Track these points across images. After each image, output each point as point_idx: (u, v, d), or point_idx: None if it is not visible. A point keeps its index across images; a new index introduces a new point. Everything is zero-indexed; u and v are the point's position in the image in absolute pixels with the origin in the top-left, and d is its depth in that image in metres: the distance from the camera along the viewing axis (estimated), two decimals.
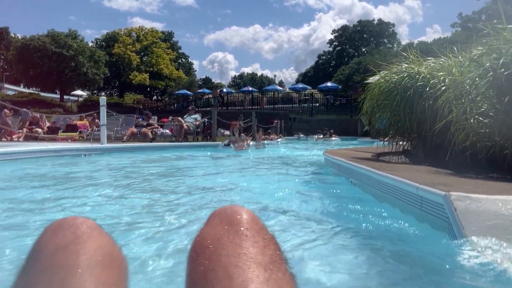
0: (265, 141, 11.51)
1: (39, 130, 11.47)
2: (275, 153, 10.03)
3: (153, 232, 2.06)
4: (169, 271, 1.51)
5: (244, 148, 10.13)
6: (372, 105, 4.73)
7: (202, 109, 25.03)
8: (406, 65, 4.46)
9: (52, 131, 11.68)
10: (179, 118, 11.26)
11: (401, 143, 5.00)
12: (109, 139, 10.52)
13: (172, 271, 1.49)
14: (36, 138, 10.92)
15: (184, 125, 10.99)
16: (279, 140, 16.25)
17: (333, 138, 18.69)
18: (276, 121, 21.84)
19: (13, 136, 10.76)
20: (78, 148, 7.32)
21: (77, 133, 11.38)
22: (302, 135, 22.05)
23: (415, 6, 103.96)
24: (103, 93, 58.59)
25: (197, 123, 11.60)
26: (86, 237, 0.62)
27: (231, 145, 9.99)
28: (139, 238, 1.96)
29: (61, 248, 0.60)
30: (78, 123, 12.11)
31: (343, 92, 33.69)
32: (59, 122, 12.72)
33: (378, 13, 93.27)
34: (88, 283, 0.56)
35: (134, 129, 11.38)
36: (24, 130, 11.31)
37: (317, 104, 29.00)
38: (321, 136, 20.31)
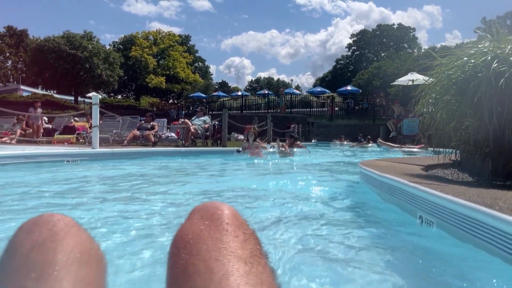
0: (295, 148, 10.00)
1: (30, 130, 10.47)
2: (304, 163, 8.53)
3: None
4: None
5: (260, 155, 8.95)
6: (436, 103, 3.43)
7: (216, 112, 23.92)
8: (488, 43, 3.12)
9: (48, 133, 10.68)
10: (186, 120, 10.10)
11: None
12: (107, 142, 9.44)
13: None
14: (30, 141, 9.91)
15: (191, 128, 9.81)
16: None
17: (369, 145, 16.64)
18: (293, 125, 20.57)
19: (3, 139, 9.75)
20: (61, 153, 6.20)
21: (75, 135, 10.33)
22: (314, 141, 20.62)
23: (434, 11, 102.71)
24: (119, 96, 58.53)
25: (206, 126, 10.41)
26: (63, 233, 0.61)
27: (245, 151, 8.83)
28: None
29: (37, 245, 0.58)
30: (76, 124, 11.08)
31: (364, 96, 32.07)
32: (61, 123, 11.71)
33: (396, 19, 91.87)
34: (66, 280, 0.55)
35: (137, 132, 10.28)
36: (18, 131, 10.34)
37: (337, 109, 27.59)
38: (361, 142, 18.13)
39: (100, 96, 42.26)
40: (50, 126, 11.54)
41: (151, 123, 10.64)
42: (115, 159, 6.95)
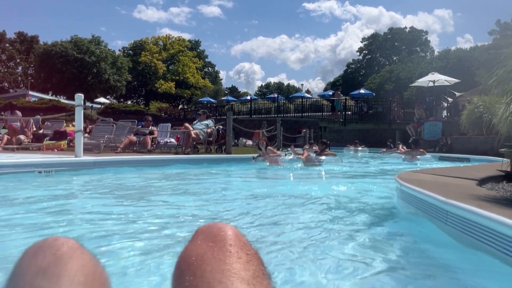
0: (323, 157, 8.54)
1: (22, 137, 9.58)
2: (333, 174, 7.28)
3: None
4: None
5: (278, 163, 7.95)
6: None
7: (224, 117, 22.93)
8: None
9: (38, 138, 9.78)
10: (186, 124, 9.09)
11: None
12: (98, 149, 8.50)
13: None
14: (16, 149, 9.01)
15: (192, 133, 8.81)
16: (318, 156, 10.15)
17: (418, 156, 11.78)
18: (304, 130, 19.49)
19: None
20: (32, 162, 5.23)
21: (65, 141, 9.42)
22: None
23: (446, 15, 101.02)
24: (129, 102, 58.13)
25: (209, 130, 9.40)
26: (67, 258, 0.61)
27: (260, 159, 7.98)
28: None
29: (42, 271, 0.58)
30: (68, 129, 10.17)
31: (378, 100, 30.77)
32: (52, 128, 10.81)
33: (407, 23, 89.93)
34: None
35: (134, 138, 9.33)
36: (5, 137, 9.45)
37: (350, 113, 26.41)
38: (391, 148, 14.70)
39: (108, 101, 41.86)
40: (41, 131, 10.65)
41: (150, 128, 9.68)
42: (100, 168, 5.98)
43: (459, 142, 12.42)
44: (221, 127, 9.97)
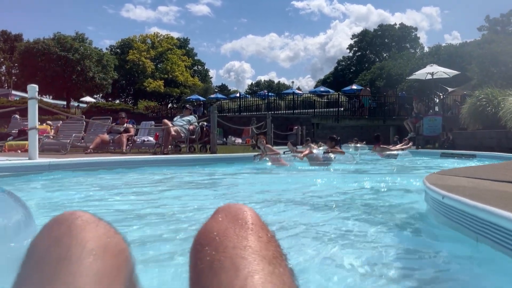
0: (332, 154, 7.33)
1: None
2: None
3: None
4: None
5: (281, 161, 7.08)
6: None
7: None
8: None
9: (1, 138, 8.77)
10: (165, 120, 8.14)
11: None
12: (64, 149, 7.54)
13: None
14: None
15: (172, 130, 7.86)
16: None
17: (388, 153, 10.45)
18: (296, 127, 18.65)
19: None
20: None
21: None
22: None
23: (433, 13, 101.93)
24: (117, 101, 56.77)
25: (191, 127, 8.45)
26: (80, 229, 0.62)
27: (260, 158, 7.18)
28: None
29: (55, 242, 0.60)
30: (40, 128, 9.14)
31: (372, 95, 29.96)
32: (16, 127, 9.77)
33: (395, 21, 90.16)
34: (79, 274, 0.56)
35: (106, 136, 8.36)
36: None
37: (342, 109, 25.64)
38: (397, 144, 12.79)
39: (94, 100, 40.66)
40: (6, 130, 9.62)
41: (125, 125, 8.71)
42: (58, 172, 5.03)
43: (462, 137, 11.64)
44: (205, 123, 9.02)
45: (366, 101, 22.55)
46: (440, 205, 2.18)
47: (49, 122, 10.30)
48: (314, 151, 7.66)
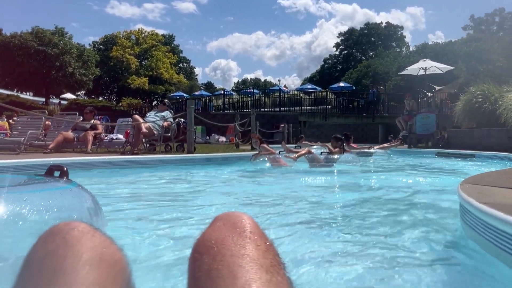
0: (336, 155, 6.53)
1: None
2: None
3: None
4: None
5: (281, 162, 6.37)
6: None
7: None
8: None
9: None
10: (136, 116, 7.28)
11: None
12: (18, 148, 6.62)
13: None
14: None
15: (143, 127, 7.00)
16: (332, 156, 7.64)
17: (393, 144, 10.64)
18: (282, 125, 17.91)
19: None
20: None
21: None
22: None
23: (417, 13, 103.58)
24: (100, 98, 55.24)
25: (166, 124, 7.59)
26: (75, 240, 0.61)
27: (257, 158, 6.54)
28: None
29: (50, 253, 0.59)
30: None
31: (359, 92, 29.36)
32: None
33: (381, 20, 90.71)
34: (75, 285, 0.55)
35: (71, 134, 7.46)
36: None
37: (329, 107, 25.00)
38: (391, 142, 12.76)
39: (74, 97, 39.24)
40: None
41: (92, 121, 7.80)
42: None
43: (457, 136, 11.02)
44: (182, 120, 8.17)
45: (381, 100, 22.04)
46: (495, 233, 1.42)
47: (13, 118, 9.33)
48: (313, 151, 6.84)
